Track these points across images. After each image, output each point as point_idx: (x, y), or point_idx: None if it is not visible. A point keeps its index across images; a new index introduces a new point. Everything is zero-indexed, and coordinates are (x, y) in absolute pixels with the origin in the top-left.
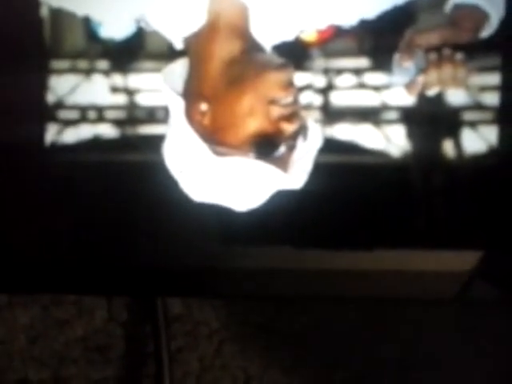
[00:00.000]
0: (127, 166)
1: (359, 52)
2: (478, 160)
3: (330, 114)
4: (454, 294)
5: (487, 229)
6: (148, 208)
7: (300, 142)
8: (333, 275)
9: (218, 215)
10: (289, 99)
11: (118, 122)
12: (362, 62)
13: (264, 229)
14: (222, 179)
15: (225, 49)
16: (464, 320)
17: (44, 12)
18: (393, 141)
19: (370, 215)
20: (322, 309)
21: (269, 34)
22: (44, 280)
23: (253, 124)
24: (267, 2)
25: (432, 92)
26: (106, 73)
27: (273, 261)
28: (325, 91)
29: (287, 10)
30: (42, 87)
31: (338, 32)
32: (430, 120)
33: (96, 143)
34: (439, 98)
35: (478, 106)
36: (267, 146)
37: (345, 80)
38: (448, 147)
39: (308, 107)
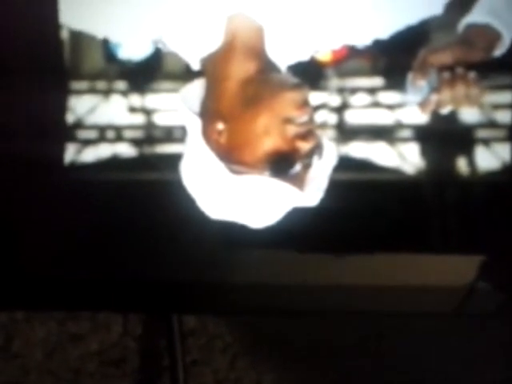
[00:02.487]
0: (145, 185)
1: (373, 71)
2: (492, 177)
3: (345, 133)
4: (454, 308)
5: (502, 243)
6: (165, 226)
7: (315, 160)
8: (345, 289)
9: (234, 232)
10: (304, 118)
11: (136, 142)
12: (376, 81)
13: (280, 245)
14: (238, 197)
15: (241, 69)
16: (464, 332)
17: (64, 34)
18: (407, 158)
19: (384, 232)
20: (334, 322)
21: (284, 55)
22: (61, 296)
23: (269, 143)
24: (282, 23)
25: (445, 110)
26: (125, 93)
27: (288, 276)
28: (339, 110)
29: (302, 31)
30: (62, 107)
31: (352, 52)
32: (444, 138)
33: (114, 162)
34: (453, 116)
35: (491, 124)
36: (283, 164)
37: (359, 99)
38: (461, 164)
39: (323, 126)
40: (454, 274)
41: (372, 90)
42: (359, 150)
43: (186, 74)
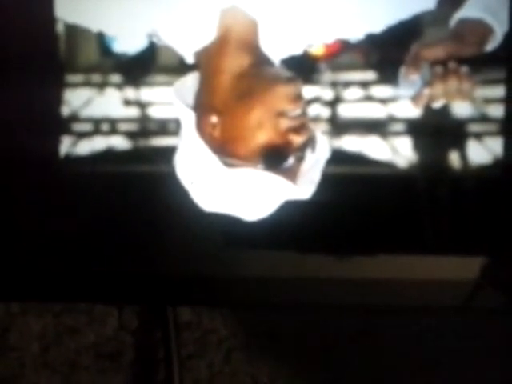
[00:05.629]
0: (139, 177)
1: (366, 66)
2: (483, 171)
3: (338, 126)
4: (460, 302)
5: (492, 237)
6: (160, 218)
7: (308, 154)
8: (340, 284)
9: (228, 225)
10: (297, 111)
11: (130, 134)
12: (369, 75)
13: (274, 238)
14: (231, 190)
15: (234, 63)
16: (468, 328)
17: (60, 28)
18: (399, 152)
19: (376, 224)
20: (331, 317)
21: (277, 48)
22: (56, 288)
23: (262, 136)
24: (276, 17)
25: (438, 104)
26: (119, 86)
27: (282, 270)
28: (332, 104)
29: (295, 25)
30: (58, 100)
31: (345, 46)
32: (436, 132)
33: (109, 155)
34: (445, 110)
35: (483, 118)
36: (276, 157)
37: (352, 93)
38: (453, 158)
39: (316, 119)
40: (448, 271)
41: (365, 84)
42: (352, 143)
43: (181, 68)
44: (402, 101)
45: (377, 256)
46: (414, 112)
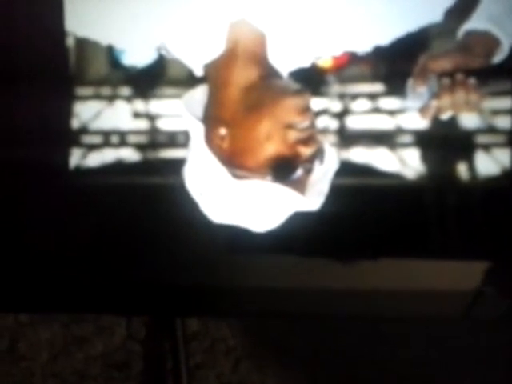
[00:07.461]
0: (149, 189)
1: (374, 78)
2: (491, 181)
3: (346, 138)
4: (460, 313)
5: (501, 247)
6: (169, 229)
7: (317, 165)
8: (349, 293)
9: (237, 236)
10: (305, 123)
11: (139, 147)
12: (377, 87)
13: (282, 249)
14: (240, 201)
15: (243, 75)
16: (470, 335)
17: (70, 41)
18: (407, 163)
19: (384, 235)
20: (337, 326)
21: (286, 61)
22: (65, 299)
23: (271, 148)
24: (284, 30)
25: (445, 116)
26: (129, 99)
27: (290, 280)
28: (341, 116)
29: (303, 38)
30: (68, 113)
31: (353, 58)
32: (444, 143)
33: (119, 167)
34: (452, 121)
35: (491, 130)
36: (285, 169)
37: (360, 105)
38: (461, 169)
39: (324, 131)
40: (455, 280)
41: (373, 96)
42: (360, 155)
43: (189, 80)
44: (410, 112)
45: (385, 266)
46: (421, 124)
